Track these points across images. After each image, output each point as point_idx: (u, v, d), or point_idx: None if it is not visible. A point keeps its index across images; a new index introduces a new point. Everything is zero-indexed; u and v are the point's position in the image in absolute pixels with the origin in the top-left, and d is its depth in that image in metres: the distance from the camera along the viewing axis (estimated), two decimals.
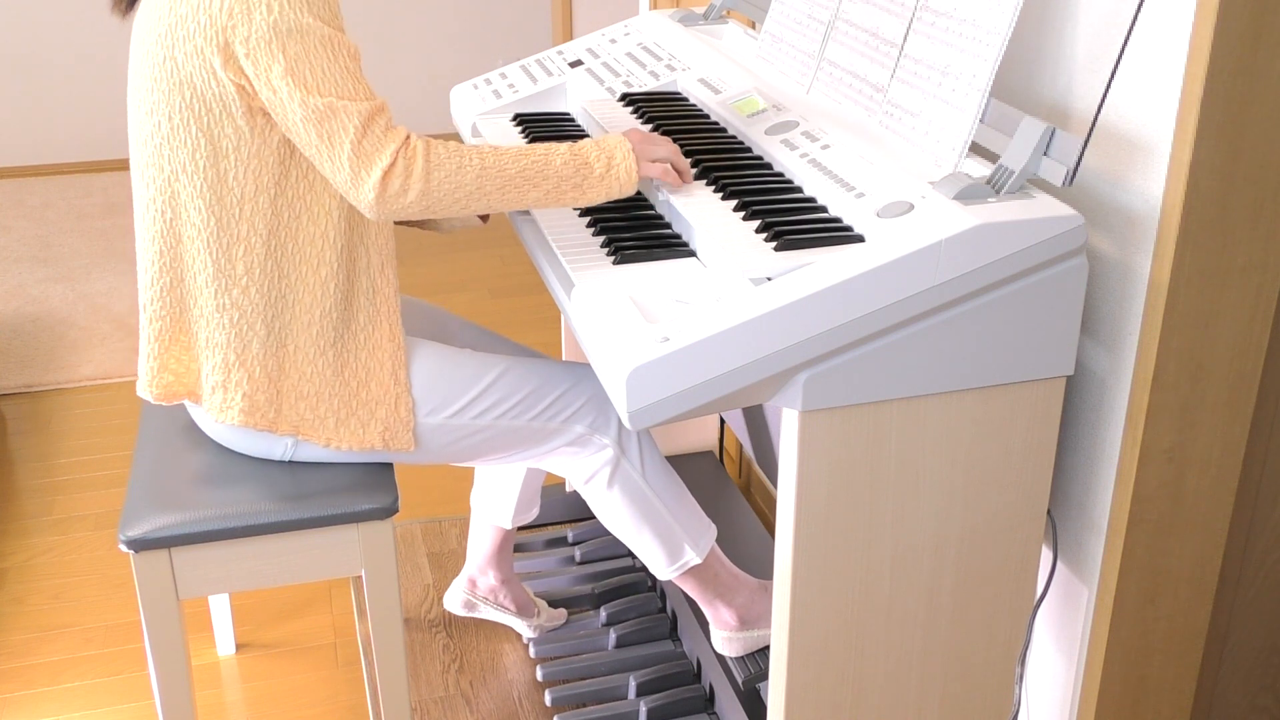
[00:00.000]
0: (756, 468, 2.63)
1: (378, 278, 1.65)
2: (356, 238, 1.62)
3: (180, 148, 1.55)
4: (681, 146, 1.73)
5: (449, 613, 2.31)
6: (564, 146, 1.56)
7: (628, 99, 1.96)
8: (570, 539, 2.47)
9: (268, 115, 1.52)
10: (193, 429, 1.78)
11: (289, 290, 1.61)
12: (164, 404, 1.70)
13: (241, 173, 1.55)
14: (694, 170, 1.66)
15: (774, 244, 1.42)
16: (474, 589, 2.18)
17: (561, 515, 2.55)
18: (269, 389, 1.63)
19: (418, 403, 1.68)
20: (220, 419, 1.65)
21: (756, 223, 1.49)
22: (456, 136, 4.93)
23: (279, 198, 1.57)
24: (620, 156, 1.56)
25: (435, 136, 1.55)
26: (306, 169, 1.57)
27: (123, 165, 4.80)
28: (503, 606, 2.18)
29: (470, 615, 2.21)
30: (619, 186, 1.57)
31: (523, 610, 2.20)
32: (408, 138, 1.49)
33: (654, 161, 1.58)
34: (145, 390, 1.68)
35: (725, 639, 1.92)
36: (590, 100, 1.99)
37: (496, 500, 2.10)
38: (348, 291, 1.63)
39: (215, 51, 1.47)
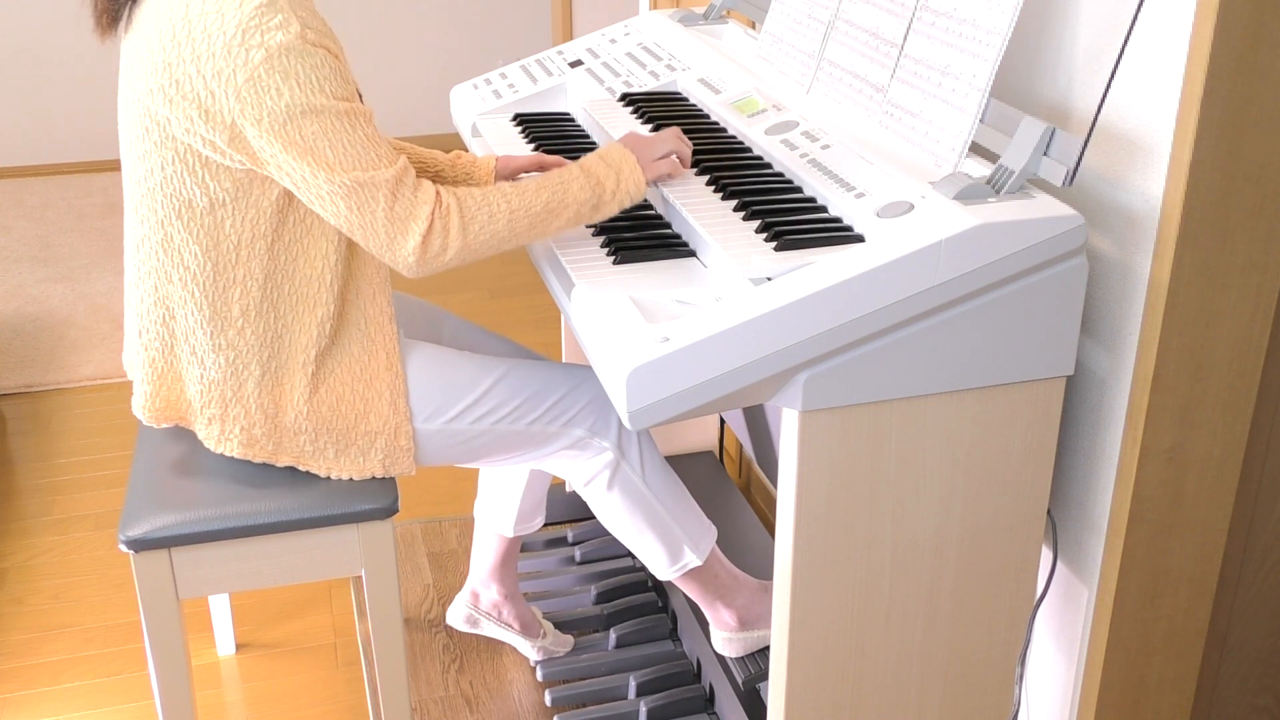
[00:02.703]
0: (756, 468, 2.62)
1: (369, 308, 1.64)
2: (351, 276, 1.62)
3: (174, 196, 1.53)
4: None
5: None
6: (575, 169, 1.55)
7: (628, 99, 1.96)
8: (570, 539, 2.47)
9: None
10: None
11: (285, 331, 1.60)
12: (155, 426, 1.70)
13: (239, 221, 1.53)
14: (694, 170, 1.67)
15: (774, 244, 1.42)
16: (476, 603, 2.15)
17: (561, 515, 2.54)
18: (266, 424, 1.63)
19: (416, 409, 1.68)
20: (218, 449, 1.65)
21: (756, 223, 1.49)
22: (457, 137, 4.94)
23: (276, 243, 1.56)
24: (628, 169, 1.56)
25: (433, 145, 1.55)
26: (304, 215, 1.55)
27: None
28: (506, 624, 2.14)
29: (473, 631, 2.17)
30: (630, 197, 1.57)
31: (527, 629, 2.15)
32: (438, 194, 1.47)
33: (658, 160, 1.60)
34: (139, 411, 1.69)
35: (725, 640, 1.92)
36: (590, 100, 1.99)
37: (498, 507, 2.07)
38: (341, 327, 1.63)
39: (220, 130, 1.45)
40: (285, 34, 1.41)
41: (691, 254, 1.55)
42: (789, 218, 1.48)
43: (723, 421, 2.57)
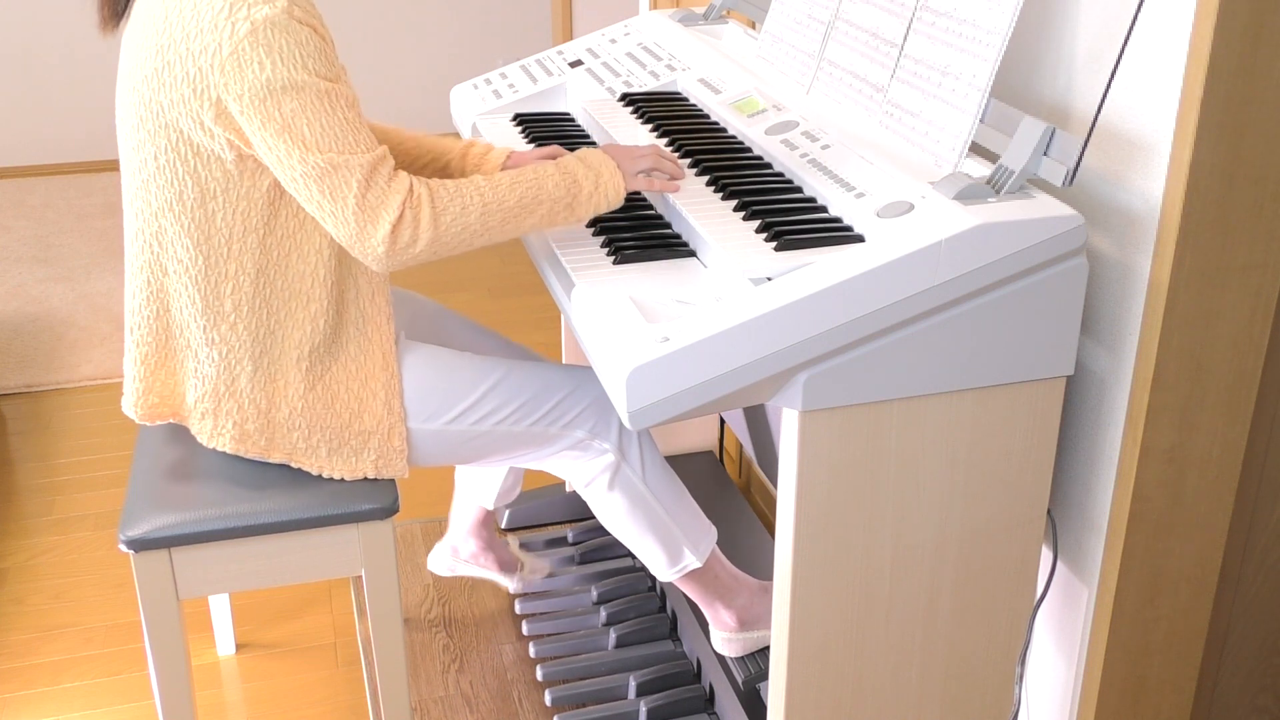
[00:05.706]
0: (756, 468, 2.62)
1: (368, 306, 1.64)
2: (346, 272, 1.61)
3: (166, 187, 1.54)
4: (681, 146, 1.74)
5: (438, 577, 2.39)
6: (551, 167, 1.54)
7: (628, 99, 1.96)
8: (570, 539, 2.47)
9: (259, 160, 1.50)
10: None
11: (278, 327, 1.60)
12: (148, 424, 1.70)
13: (230, 214, 1.53)
14: (694, 170, 1.67)
15: (774, 244, 1.42)
16: (456, 554, 2.23)
17: (561, 515, 2.55)
18: (259, 419, 1.63)
19: (413, 410, 1.68)
20: (211, 444, 1.65)
21: (756, 223, 1.49)
22: (457, 137, 4.94)
23: (268, 237, 1.55)
24: (608, 172, 1.55)
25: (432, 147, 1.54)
26: (297, 209, 1.55)
27: None
28: (485, 567, 2.23)
29: (454, 575, 2.26)
30: (607, 201, 1.56)
31: (505, 568, 2.24)
32: (411, 185, 1.46)
33: (637, 174, 1.58)
34: (130, 409, 1.68)
35: (725, 640, 1.92)
36: (590, 100, 1.99)
37: (480, 481, 2.14)
38: (337, 325, 1.62)
39: (206, 105, 1.45)
40: (271, 8, 1.41)
41: (691, 254, 1.55)
42: (789, 218, 1.49)
43: (723, 421, 2.57)
